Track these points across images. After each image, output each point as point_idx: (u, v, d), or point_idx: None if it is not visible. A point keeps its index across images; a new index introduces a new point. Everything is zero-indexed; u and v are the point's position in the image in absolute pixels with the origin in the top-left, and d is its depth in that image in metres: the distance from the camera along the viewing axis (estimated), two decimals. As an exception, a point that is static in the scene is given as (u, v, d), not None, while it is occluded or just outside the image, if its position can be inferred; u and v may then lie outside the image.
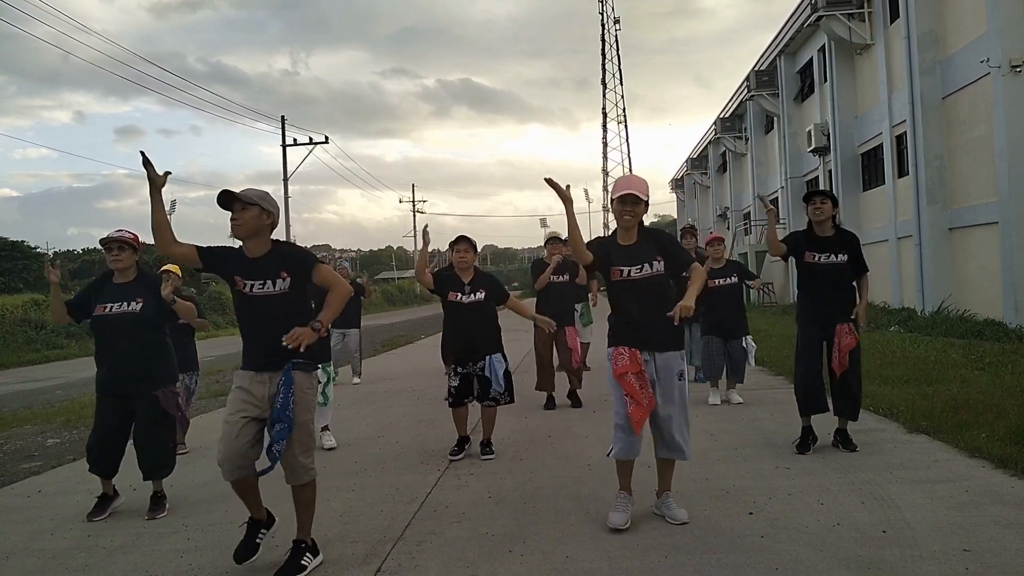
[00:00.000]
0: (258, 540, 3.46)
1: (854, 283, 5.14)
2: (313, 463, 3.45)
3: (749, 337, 7.28)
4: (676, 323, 3.52)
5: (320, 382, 5.83)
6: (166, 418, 4.48)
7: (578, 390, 7.48)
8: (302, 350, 3.24)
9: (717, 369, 7.24)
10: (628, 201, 3.72)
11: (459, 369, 5.33)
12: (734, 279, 7.19)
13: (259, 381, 3.37)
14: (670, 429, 3.75)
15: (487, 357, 5.29)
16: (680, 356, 3.81)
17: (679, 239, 8.57)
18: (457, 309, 5.29)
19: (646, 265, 3.73)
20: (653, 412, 3.73)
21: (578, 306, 8.10)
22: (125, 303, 4.37)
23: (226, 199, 3.37)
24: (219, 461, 3.35)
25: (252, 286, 3.37)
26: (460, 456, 5.34)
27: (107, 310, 4.38)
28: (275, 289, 3.36)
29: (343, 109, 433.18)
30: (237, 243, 3.51)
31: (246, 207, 3.35)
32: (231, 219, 3.36)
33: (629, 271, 3.74)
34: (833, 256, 5.01)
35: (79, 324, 4.51)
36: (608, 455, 3.87)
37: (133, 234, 4.50)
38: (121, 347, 4.35)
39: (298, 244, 4.46)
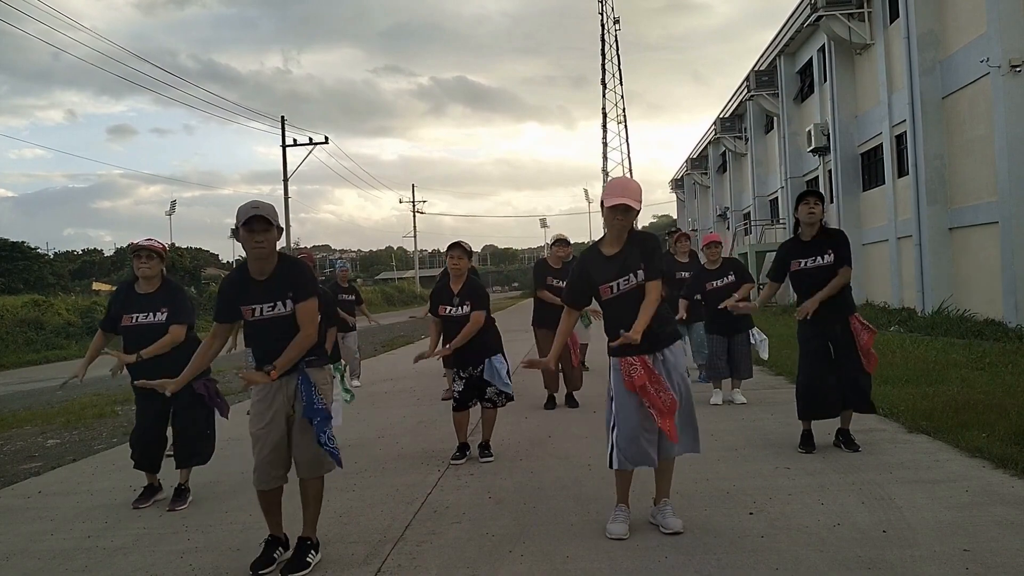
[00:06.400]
0: (275, 556, 3.49)
1: (848, 285, 5.06)
2: (328, 457, 3.47)
3: (756, 330, 7.23)
4: (633, 340, 3.40)
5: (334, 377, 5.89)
6: (203, 404, 4.60)
7: (576, 391, 7.48)
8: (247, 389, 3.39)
9: (719, 372, 7.23)
10: (620, 210, 3.60)
11: (461, 374, 5.33)
12: (731, 278, 7.17)
13: (277, 387, 3.45)
14: (683, 424, 3.66)
15: (486, 360, 5.29)
16: (680, 346, 3.76)
17: (675, 243, 8.58)
18: (448, 321, 5.31)
19: (632, 276, 3.63)
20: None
21: None
22: (152, 314, 4.54)
23: (252, 219, 3.30)
24: (254, 470, 3.47)
25: (261, 309, 3.42)
26: (462, 461, 5.34)
27: (134, 321, 4.54)
28: (286, 310, 3.42)
29: (338, 107, 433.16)
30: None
31: (269, 228, 3.36)
32: (256, 240, 3.33)
33: (617, 285, 3.65)
34: (819, 259, 4.98)
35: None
36: (611, 467, 3.73)
37: (162, 244, 4.70)
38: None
39: (298, 248, 4.50)
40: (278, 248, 3.51)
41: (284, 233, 3.58)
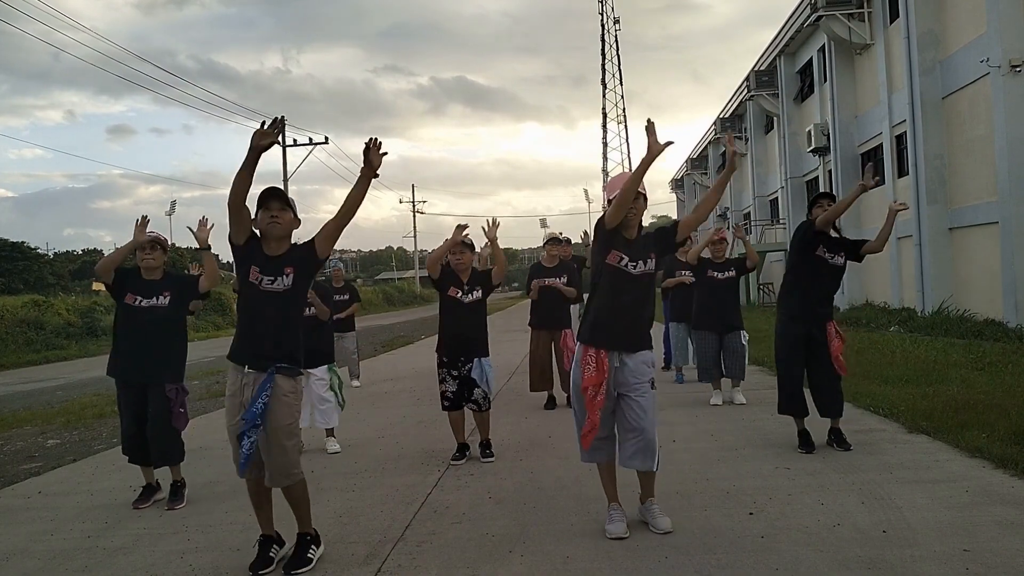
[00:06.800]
0: (271, 554, 3.48)
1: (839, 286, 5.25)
2: (297, 466, 3.43)
3: (743, 332, 7.25)
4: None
5: (328, 380, 5.90)
6: (172, 409, 4.63)
7: None
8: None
9: (712, 372, 7.22)
10: None
11: (453, 372, 5.32)
12: (732, 272, 7.21)
13: (246, 383, 3.43)
14: (642, 436, 3.65)
15: (476, 359, 5.28)
16: (651, 358, 3.77)
17: None
18: (456, 306, 5.28)
19: (641, 263, 3.73)
20: (623, 419, 3.69)
21: (576, 307, 8.07)
22: (154, 297, 4.62)
23: (269, 195, 3.43)
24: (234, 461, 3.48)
25: (264, 280, 3.46)
26: (462, 462, 5.34)
27: (136, 302, 4.59)
28: (284, 285, 3.45)
29: (337, 107, 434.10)
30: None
31: (285, 208, 3.47)
32: (271, 216, 3.43)
33: (627, 262, 3.71)
34: (836, 257, 5.07)
35: (108, 288, 4.71)
36: (584, 460, 3.85)
37: (164, 237, 4.81)
38: (143, 338, 4.55)
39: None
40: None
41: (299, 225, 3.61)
